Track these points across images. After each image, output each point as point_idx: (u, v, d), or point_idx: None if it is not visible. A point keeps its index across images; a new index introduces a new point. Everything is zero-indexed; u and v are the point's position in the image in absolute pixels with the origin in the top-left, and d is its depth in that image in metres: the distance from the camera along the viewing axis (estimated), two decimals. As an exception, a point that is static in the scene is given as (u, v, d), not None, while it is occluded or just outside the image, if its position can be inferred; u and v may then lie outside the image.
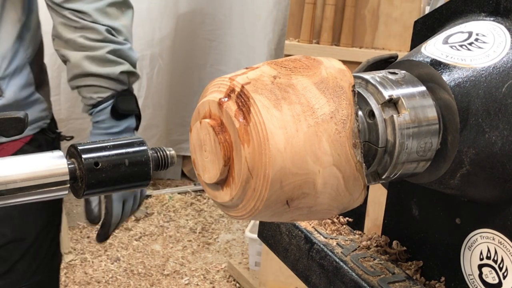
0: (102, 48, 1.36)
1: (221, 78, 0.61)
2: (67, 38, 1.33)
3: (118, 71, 1.38)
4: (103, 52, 1.35)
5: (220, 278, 2.90)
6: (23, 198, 0.62)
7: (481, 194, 0.68)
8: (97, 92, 1.38)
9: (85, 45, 1.34)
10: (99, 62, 1.35)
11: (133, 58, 1.41)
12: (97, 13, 1.34)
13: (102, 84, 1.37)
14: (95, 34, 1.34)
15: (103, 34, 1.35)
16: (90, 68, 1.35)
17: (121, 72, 1.38)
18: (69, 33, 1.33)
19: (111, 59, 1.37)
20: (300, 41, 2.42)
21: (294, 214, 0.60)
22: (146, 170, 0.67)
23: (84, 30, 1.33)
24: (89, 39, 1.34)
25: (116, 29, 1.38)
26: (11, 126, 0.92)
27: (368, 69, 0.77)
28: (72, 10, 1.32)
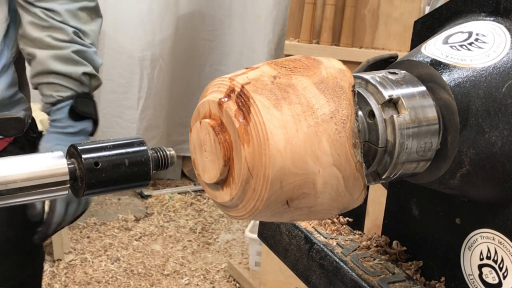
0: (68, 48, 1.37)
1: (221, 78, 0.61)
2: (33, 37, 1.35)
3: (80, 71, 1.39)
4: (68, 51, 1.37)
5: (220, 278, 2.90)
6: (23, 198, 0.62)
7: (481, 194, 0.68)
8: (58, 91, 1.39)
9: (51, 45, 1.36)
10: (63, 60, 1.37)
11: (97, 62, 1.43)
12: (67, 14, 1.36)
13: (63, 83, 1.39)
14: (62, 34, 1.36)
15: (70, 35, 1.37)
16: (54, 66, 1.36)
17: (83, 73, 1.39)
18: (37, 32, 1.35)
19: (74, 59, 1.38)
20: (300, 41, 2.42)
21: (294, 214, 0.60)
22: (146, 170, 0.67)
23: (51, 30, 1.35)
24: (56, 39, 1.36)
25: (84, 32, 1.40)
26: (11, 126, 0.92)
27: (368, 69, 0.77)
28: (43, 8, 1.34)
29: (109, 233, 3.17)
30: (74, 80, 1.39)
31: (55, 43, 1.35)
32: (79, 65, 1.38)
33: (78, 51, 1.38)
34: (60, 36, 1.35)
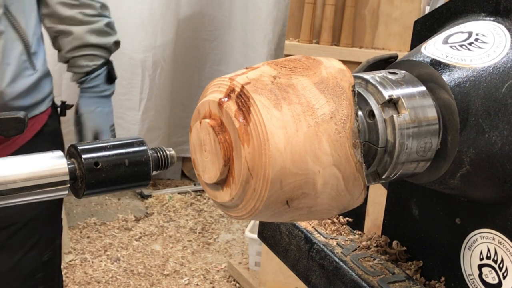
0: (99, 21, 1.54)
1: (221, 78, 0.61)
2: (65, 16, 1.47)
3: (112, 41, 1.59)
4: (101, 24, 1.54)
5: (220, 278, 2.90)
6: (23, 198, 0.62)
7: (481, 194, 0.68)
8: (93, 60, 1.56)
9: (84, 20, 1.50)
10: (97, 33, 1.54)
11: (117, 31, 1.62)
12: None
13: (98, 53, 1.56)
14: (92, 9, 1.52)
15: (98, 10, 1.54)
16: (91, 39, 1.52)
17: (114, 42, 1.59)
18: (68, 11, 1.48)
19: (107, 31, 1.56)
20: (300, 41, 2.42)
21: (294, 214, 0.60)
22: (146, 170, 0.67)
23: (82, 7, 1.50)
24: (87, 14, 1.51)
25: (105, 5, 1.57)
26: (11, 126, 0.93)
27: (368, 69, 0.77)
28: None
29: (109, 233, 3.17)
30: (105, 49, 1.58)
31: (87, 18, 1.51)
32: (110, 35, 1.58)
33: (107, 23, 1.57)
34: (90, 12, 1.52)
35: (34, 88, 1.40)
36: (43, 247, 1.50)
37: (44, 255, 1.50)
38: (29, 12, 1.37)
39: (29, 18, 1.37)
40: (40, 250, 1.49)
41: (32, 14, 1.39)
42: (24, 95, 1.35)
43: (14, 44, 1.32)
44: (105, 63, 1.59)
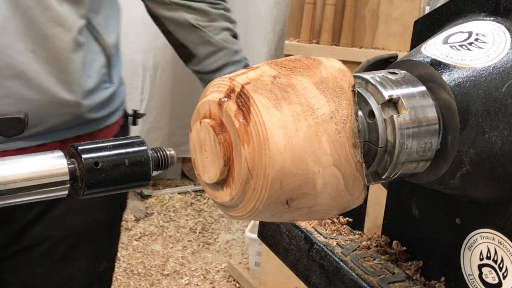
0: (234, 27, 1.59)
1: (221, 78, 0.61)
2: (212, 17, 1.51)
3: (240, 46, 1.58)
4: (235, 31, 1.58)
5: (220, 278, 2.90)
6: (23, 198, 0.62)
7: (481, 194, 0.68)
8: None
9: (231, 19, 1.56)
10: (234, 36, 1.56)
11: None
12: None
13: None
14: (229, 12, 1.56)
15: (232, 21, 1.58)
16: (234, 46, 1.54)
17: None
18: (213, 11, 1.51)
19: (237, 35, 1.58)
20: (300, 41, 2.42)
21: (294, 214, 0.60)
22: (146, 170, 0.67)
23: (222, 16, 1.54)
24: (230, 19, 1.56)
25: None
26: (11, 126, 0.93)
27: (368, 69, 0.77)
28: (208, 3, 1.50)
29: (109, 233, 3.17)
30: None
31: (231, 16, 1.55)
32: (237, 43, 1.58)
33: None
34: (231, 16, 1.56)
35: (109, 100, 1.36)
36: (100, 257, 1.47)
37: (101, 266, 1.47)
38: (111, 24, 1.34)
39: (111, 30, 1.34)
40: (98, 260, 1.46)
41: (115, 27, 1.37)
42: (100, 108, 1.32)
43: (96, 56, 1.29)
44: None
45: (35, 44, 1.15)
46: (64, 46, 1.19)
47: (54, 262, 1.36)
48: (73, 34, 1.20)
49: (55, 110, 1.22)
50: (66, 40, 1.19)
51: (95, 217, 1.41)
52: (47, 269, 1.36)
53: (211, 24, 1.52)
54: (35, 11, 1.13)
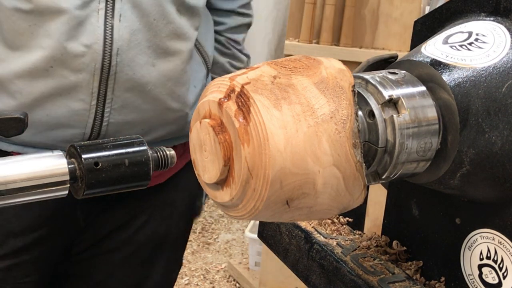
0: None
1: (221, 78, 0.61)
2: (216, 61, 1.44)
3: None
4: None
5: (220, 278, 2.90)
6: (23, 198, 0.62)
7: (481, 194, 0.68)
8: None
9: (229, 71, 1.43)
10: None
11: None
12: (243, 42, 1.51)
13: None
14: (240, 62, 1.49)
15: (245, 63, 1.50)
16: None
17: None
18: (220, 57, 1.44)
19: None
20: (300, 41, 2.41)
21: (294, 214, 0.60)
22: (146, 170, 0.67)
23: (232, 57, 1.47)
24: (234, 66, 1.47)
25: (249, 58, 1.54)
26: (11, 126, 0.92)
27: (368, 69, 0.77)
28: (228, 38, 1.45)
29: (109, 233, 3.17)
30: None
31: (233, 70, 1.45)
32: None
33: None
34: (238, 65, 1.48)
35: None
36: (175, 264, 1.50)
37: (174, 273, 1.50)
38: (210, 36, 1.36)
39: (210, 42, 1.36)
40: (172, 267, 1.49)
41: (211, 39, 1.38)
42: None
43: (200, 67, 1.32)
44: None
45: (156, 57, 1.18)
46: (181, 58, 1.21)
47: (133, 265, 1.39)
48: (190, 46, 1.23)
49: (165, 120, 1.25)
50: (184, 52, 1.21)
51: (175, 225, 1.43)
52: (125, 272, 1.39)
53: None
54: (160, 24, 1.16)
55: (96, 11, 1.11)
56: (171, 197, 1.39)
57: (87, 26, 1.11)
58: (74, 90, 1.14)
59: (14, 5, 1.09)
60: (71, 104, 1.15)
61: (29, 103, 1.13)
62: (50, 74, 1.12)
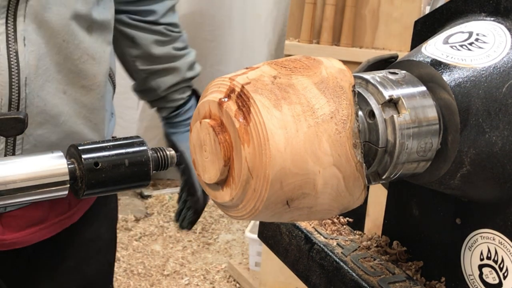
0: (190, 54, 1.45)
1: (221, 78, 0.61)
2: (160, 54, 1.39)
3: (199, 70, 1.49)
4: (193, 56, 1.45)
5: (220, 278, 2.90)
6: (23, 198, 0.62)
7: (481, 194, 0.68)
8: (185, 92, 1.47)
9: (176, 55, 1.41)
10: (192, 67, 1.45)
11: None
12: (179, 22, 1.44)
13: (190, 84, 1.47)
14: (182, 42, 1.43)
15: (186, 41, 1.45)
16: (188, 74, 1.44)
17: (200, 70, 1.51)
18: (162, 49, 1.39)
19: (196, 62, 1.48)
20: (300, 41, 2.41)
21: (294, 214, 0.60)
22: (146, 170, 0.67)
23: (174, 41, 1.41)
24: (179, 48, 1.42)
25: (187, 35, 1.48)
26: (11, 126, 0.92)
27: (368, 69, 0.77)
28: (166, 24, 1.38)
29: (109, 233, 3.17)
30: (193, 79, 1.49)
31: (179, 52, 1.42)
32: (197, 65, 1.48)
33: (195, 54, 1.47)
34: (181, 45, 1.42)
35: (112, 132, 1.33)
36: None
37: None
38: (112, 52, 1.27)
39: (113, 58, 1.28)
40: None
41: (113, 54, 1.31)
42: None
43: (109, 87, 1.24)
44: (193, 92, 1.49)
45: (67, 83, 1.06)
46: (96, 82, 1.12)
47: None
48: (105, 66, 1.14)
49: None
50: (99, 75, 1.12)
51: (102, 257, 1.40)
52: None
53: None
54: (70, 45, 1.05)
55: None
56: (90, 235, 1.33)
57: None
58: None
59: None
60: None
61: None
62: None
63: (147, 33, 1.36)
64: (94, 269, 1.35)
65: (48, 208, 1.16)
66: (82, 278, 1.32)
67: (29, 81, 0.99)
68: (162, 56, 1.39)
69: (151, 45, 1.37)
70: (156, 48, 1.38)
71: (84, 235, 1.29)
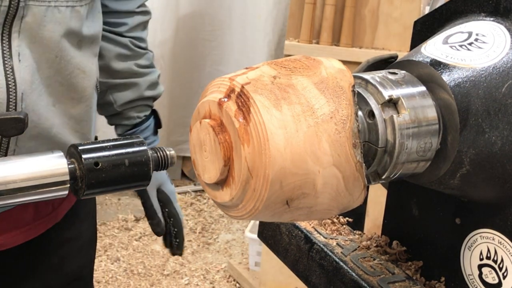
0: (154, 73, 1.42)
1: (221, 78, 0.61)
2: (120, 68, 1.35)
3: (161, 91, 1.47)
4: (155, 76, 1.42)
5: (220, 278, 2.90)
6: (23, 198, 0.62)
7: (481, 194, 0.68)
8: (142, 111, 1.44)
9: (138, 72, 1.38)
10: (153, 86, 1.42)
11: None
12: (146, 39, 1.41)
13: (149, 103, 1.45)
14: (146, 60, 1.39)
15: (151, 60, 1.41)
16: (147, 93, 1.41)
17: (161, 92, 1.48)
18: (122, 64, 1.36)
19: (158, 82, 1.44)
20: (300, 41, 2.41)
21: (294, 214, 0.60)
22: (146, 170, 0.67)
23: (137, 58, 1.37)
24: (141, 66, 1.38)
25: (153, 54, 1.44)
26: (11, 126, 0.92)
27: (368, 69, 0.77)
28: (133, 38, 1.35)
29: (109, 233, 3.17)
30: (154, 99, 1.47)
31: (141, 70, 1.38)
32: (159, 86, 1.45)
33: (159, 74, 1.44)
34: (144, 63, 1.39)
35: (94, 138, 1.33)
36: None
37: None
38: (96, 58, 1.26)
39: (97, 64, 1.25)
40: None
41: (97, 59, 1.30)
42: None
43: (95, 96, 1.22)
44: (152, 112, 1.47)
45: (57, 96, 1.07)
46: (85, 95, 1.12)
47: None
48: (94, 79, 1.15)
49: None
50: (89, 88, 1.13)
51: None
52: None
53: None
54: (62, 61, 1.06)
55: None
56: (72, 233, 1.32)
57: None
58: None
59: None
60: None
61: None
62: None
63: (111, 44, 1.33)
64: (77, 266, 1.35)
65: (33, 210, 1.17)
66: (66, 276, 1.33)
67: (25, 96, 1.00)
68: (122, 71, 1.36)
69: (113, 58, 1.35)
70: (117, 62, 1.35)
71: (66, 234, 1.29)
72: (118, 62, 1.35)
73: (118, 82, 1.37)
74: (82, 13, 1.08)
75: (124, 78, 1.37)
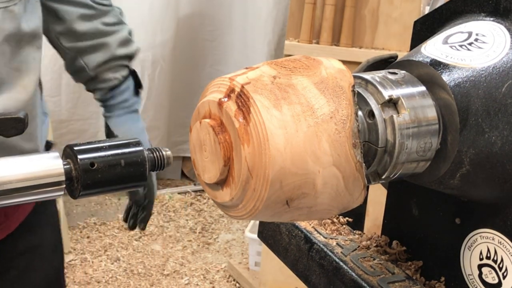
0: (123, 30, 1.35)
1: (221, 78, 0.61)
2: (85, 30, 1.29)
3: (135, 49, 1.39)
4: (126, 33, 1.35)
5: (220, 278, 2.90)
6: (19, 198, 0.62)
7: (481, 194, 0.68)
8: (119, 71, 1.36)
9: (105, 31, 1.32)
10: (124, 43, 1.35)
11: None
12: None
13: (125, 63, 1.37)
14: (113, 17, 1.32)
15: (118, 16, 1.34)
16: (119, 51, 1.34)
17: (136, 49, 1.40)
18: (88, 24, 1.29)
19: (130, 39, 1.37)
20: (300, 41, 2.41)
21: (294, 214, 0.60)
22: (142, 170, 0.67)
23: (103, 16, 1.31)
24: (108, 24, 1.32)
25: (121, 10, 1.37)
26: (11, 126, 0.92)
27: (368, 69, 0.77)
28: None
29: (109, 233, 3.17)
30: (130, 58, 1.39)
31: (110, 28, 1.32)
32: (132, 43, 1.38)
33: (130, 31, 1.37)
34: (111, 20, 1.32)
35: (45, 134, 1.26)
36: None
37: None
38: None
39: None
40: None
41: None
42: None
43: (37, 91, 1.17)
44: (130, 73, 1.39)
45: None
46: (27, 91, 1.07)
47: None
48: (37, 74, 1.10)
49: None
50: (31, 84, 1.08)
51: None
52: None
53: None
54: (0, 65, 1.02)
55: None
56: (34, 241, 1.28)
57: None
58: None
59: None
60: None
61: None
62: None
63: (71, 5, 1.27)
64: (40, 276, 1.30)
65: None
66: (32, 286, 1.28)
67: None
68: (88, 32, 1.29)
69: (75, 20, 1.27)
70: (81, 24, 1.28)
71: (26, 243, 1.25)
72: (82, 23, 1.28)
73: (86, 44, 1.31)
74: (18, 11, 1.03)
75: (91, 40, 1.30)
